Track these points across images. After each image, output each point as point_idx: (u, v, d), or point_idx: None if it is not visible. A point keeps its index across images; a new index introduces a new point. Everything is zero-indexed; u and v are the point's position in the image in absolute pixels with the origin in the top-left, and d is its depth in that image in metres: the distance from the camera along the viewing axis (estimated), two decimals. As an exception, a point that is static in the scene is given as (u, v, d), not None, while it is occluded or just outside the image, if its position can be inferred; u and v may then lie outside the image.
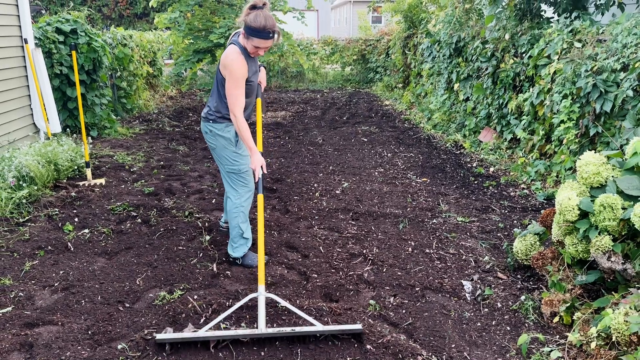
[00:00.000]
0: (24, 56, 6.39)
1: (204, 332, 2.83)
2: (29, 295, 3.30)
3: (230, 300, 3.25)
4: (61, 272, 3.64)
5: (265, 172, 3.43)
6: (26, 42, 6.29)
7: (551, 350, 2.72)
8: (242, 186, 3.68)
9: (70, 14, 7.69)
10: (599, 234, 2.88)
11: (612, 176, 3.04)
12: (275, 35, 3.25)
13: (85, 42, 7.33)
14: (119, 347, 2.80)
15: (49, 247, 4.02)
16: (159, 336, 2.79)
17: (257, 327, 2.91)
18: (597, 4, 6.06)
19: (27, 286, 3.42)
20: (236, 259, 3.82)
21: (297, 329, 2.86)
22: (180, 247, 4.09)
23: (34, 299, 3.28)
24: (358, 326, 2.86)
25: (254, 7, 3.22)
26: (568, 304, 2.92)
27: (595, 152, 3.18)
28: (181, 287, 3.43)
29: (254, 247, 3.88)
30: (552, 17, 6.74)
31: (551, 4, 6.56)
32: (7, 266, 3.68)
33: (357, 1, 31.92)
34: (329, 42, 16.18)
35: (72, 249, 4.02)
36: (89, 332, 2.92)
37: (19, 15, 6.27)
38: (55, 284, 3.46)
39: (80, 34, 7.32)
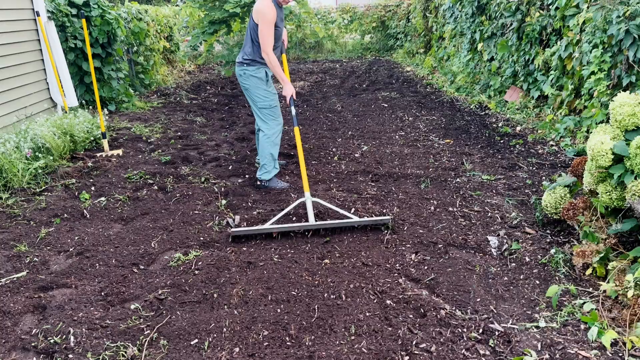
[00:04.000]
0: (36, 29, 6.32)
1: (269, 225, 3.48)
2: (44, 260, 3.27)
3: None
4: (76, 237, 3.59)
5: (295, 98, 4.29)
6: (38, 15, 6.22)
7: (584, 303, 2.55)
8: (273, 120, 4.37)
9: (82, -13, 7.58)
10: (635, 178, 2.67)
11: (650, 117, 2.82)
12: None
13: (98, 15, 7.24)
14: (132, 307, 2.73)
15: (65, 215, 3.98)
16: (233, 230, 3.39)
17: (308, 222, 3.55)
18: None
19: (42, 252, 3.39)
20: (262, 182, 4.45)
21: (339, 221, 3.48)
22: (196, 212, 4.01)
23: (48, 263, 3.24)
24: (387, 217, 3.51)
25: None
26: (602, 255, 2.73)
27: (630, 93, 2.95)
28: (197, 248, 3.36)
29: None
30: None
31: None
32: (22, 233, 3.65)
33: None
34: (347, 10, 15.78)
35: (88, 216, 3.98)
36: (103, 294, 2.87)
37: (30, -12, 6.20)
38: (70, 249, 3.41)
39: (93, 6, 7.22)
